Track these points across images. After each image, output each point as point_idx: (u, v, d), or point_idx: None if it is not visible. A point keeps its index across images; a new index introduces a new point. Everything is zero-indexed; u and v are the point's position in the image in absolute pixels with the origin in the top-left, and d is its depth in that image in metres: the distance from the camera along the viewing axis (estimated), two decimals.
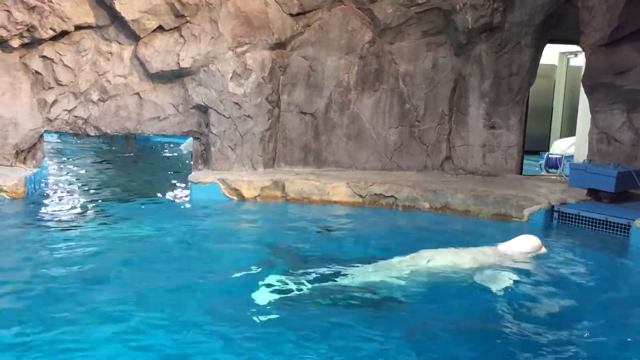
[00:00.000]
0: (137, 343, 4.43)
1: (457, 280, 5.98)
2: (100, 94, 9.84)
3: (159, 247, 7.00)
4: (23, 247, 6.74)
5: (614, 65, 9.04)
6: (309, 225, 8.26)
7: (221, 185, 9.36)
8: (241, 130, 10.09)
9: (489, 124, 10.70)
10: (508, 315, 5.24)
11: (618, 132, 9.35)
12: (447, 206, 9.08)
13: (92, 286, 5.52)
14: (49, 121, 9.80)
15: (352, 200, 9.30)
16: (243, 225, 8.27)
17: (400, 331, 4.83)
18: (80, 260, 6.19)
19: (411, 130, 10.84)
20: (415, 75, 10.70)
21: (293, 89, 10.50)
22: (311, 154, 10.72)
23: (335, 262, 6.41)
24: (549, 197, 8.81)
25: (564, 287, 6.11)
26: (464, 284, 5.90)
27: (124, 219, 8.06)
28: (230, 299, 5.37)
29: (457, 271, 6.15)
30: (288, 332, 4.70)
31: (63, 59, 9.62)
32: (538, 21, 10.24)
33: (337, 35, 10.42)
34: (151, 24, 9.63)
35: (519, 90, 10.61)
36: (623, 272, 6.94)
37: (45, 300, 5.12)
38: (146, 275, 5.93)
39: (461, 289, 5.80)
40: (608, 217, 7.92)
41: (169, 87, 10.03)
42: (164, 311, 4.98)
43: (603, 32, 9.01)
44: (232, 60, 9.89)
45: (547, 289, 5.98)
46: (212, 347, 4.41)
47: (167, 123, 10.13)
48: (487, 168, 10.76)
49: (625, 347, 4.83)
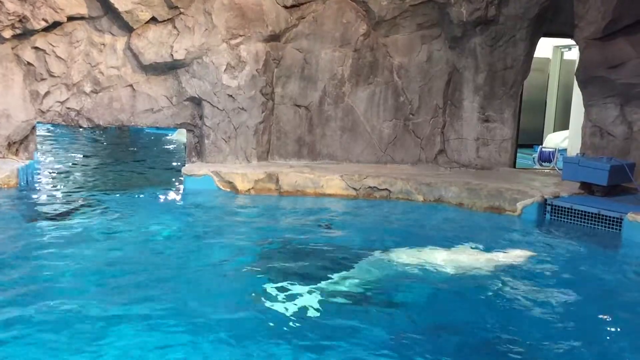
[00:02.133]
0: (126, 335, 4.43)
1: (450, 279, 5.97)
2: (93, 86, 9.79)
3: (150, 239, 6.99)
4: (14, 239, 6.69)
5: (608, 58, 9.05)
6: (302, 218, 8.25)
7: (215, 178, 9.34)
8: (235, 123, 10.06)
9: (483, 117, 10.71)
10: (500, 310, 5.26)
11: (611, 126, 9.38)
12: (441, 199, 9.09)
13: (81, 278, 5.50)
14: (41, 113, 9.74)
15: (346, 193, 9.30)
16: (236, 218, 8.25)
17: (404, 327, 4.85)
18: (70, 252, 6.16)
19: (405, 124, 10.84)
20: (410, 68, 10.69)
21: (287, 81, 10.48)
22: (305, 147, 10.70)
23: (329, 256, 6.42)
24: (542, 190, 8.83)
25: (554, 280, 6.14)
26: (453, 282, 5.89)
27: (115, 211, 8.03)
28: (222, 293, 5.37)
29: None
30: (280, 326, 4.71)
31: (55, 50, 9.56)
32: (532, 14, 10.24)
33: (332, 27, 10.39)
34: (144, 15, 9.57)
35: (513, 84, 10.61)
36: (614, 265, 6.97)
37: (33, 293, 5.09)
38: (137, 267, 5.91)
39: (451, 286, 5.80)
40: (601, 211, 7.95)
41: (162, 79, 9.99)
42: (154, 304, 4.97)
43: (597, 26, 9.02)
44: (226, 52, 9.85)
45: (539, 281, 6.00)
46: (200, 344, 4.39)
47: (161, 115, 10.09)
48: (480, 161, 10.78)
49: (614, 340, 4.85)
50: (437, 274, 5.97)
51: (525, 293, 5.64)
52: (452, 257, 6.37)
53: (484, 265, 6.24)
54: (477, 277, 5.94)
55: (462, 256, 6.42)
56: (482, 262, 6.31)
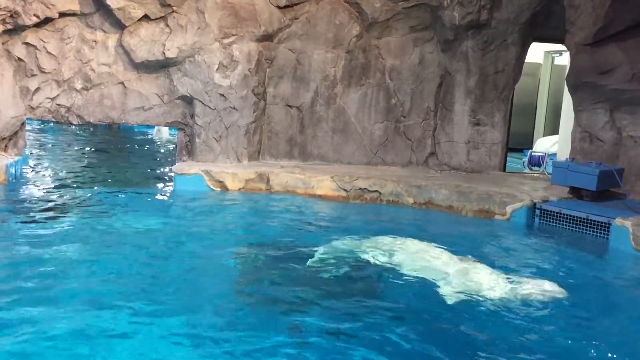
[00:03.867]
0: (117, 333, 4.41)
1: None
2: (84, 83, 9.74)
3: (139, 238, 6.94)
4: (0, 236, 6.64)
5: (598, 64, 9.09)
6: (292, 218, 8.24)
7: (205, 177, 9.31)
8: (226, 122, 10.05)
9: (474, 120, 10.75)
10: (488, 315, 5.27)
11: (601, 131, 9.43)
12: (431, 202, 9.11)
13: (69, 277, 5.46)
14: (31, 109, 9.68)
15: (337, 194, 9.30)
16: (226, 217, 8.23)
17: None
18: (57, 250, 6.12)
19: (396, 126, 10.86)
20: (402, 71, 10.72)
21: (279, 81, 10.47)
22: (296, 147, 10.70)
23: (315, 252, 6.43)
24: (531, 194, 8.88)
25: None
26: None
27: (104, 209, 8.00)
28: (209, 292, 5.36)
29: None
30: (267, 328, 4.71)
31: (46, 46, 9.50)
32: (524, 19, 10.30)
33: (325, 28, 10.40)
34: (137, 12, 9.54)
35: (504, 88, 10.66)
36: (600, 269, 7.01)
37: (20, 291, 5.05)
38: (126, 266, 5.88)
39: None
40: (589, 215, 8.01)
41: (154, 77, 9.95)
42: (144, 304, 4.95)
43: (588, 31, 9.06)
44: (218, 51, 9.83)
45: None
46: (192, 346, 4.38)
47: (152, 113, 10.06)
48: (471, 164, 10.82)
49: (600, 345, 4.87)
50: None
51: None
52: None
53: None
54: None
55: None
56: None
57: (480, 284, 5.62)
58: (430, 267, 6.08)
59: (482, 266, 6.05)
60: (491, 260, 6.59)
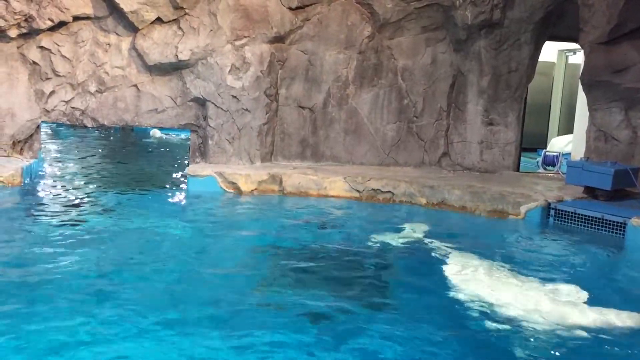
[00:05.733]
0: (133, 335, 4.43)
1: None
2: (98, 85, 9.82)
3: (153, 239, 6.98)
4: (17, 237, 6.70)
5: (612, 63, 9.03)
6: (304, 219, 8.25)
7: (218, 179, 9.34)
8: (239, 124, 10.08)
9: (487, 120, 10.69)
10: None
11: (615, 130, 9.35)
12: (444, 202, 9.07)
13: (84, 278, 5.49)
14: (46, 112, 9.78)
15: (349, 195, 9.29)
16: (240, 218, 8.25)
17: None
18: (72, 251, 6.16)
19: (409, 126, 10.83)
20: (414, 71, 10.69)
21: (291, 83, 10.49)
22: (309, 149, 10.71)
23: (332, 254, 6.42)
24: (546, 194, 8.82)
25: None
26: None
27: (118, 211, 8.05)
28: (226, 294, 5.37)
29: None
30: (288, 324, 4.71)
31: (61, 50, 9.59)
32: (537, 18, 10.23)
33: (336, 29, 10.40)
34: (150, 15, 9.60)
35: (517, 87, 10.60)
36: (617, 270, 6.95)
37: (36, 292, 5.10)
38: (141, 267, 5.91)
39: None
40: (604, 215, 7.93)
41: (167, 80, 10.01)
42: (161, 306, 4.97)
43: (602, 30, 9.00)
44: (230, 53, 9.87)
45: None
46: (212, 345, 4.38)
47: (165, 115, 10.12)
48: (484, 164, 10.76)
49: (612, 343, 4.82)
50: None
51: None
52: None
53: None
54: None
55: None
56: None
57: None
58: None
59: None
60: (525, 266, 6.49)
